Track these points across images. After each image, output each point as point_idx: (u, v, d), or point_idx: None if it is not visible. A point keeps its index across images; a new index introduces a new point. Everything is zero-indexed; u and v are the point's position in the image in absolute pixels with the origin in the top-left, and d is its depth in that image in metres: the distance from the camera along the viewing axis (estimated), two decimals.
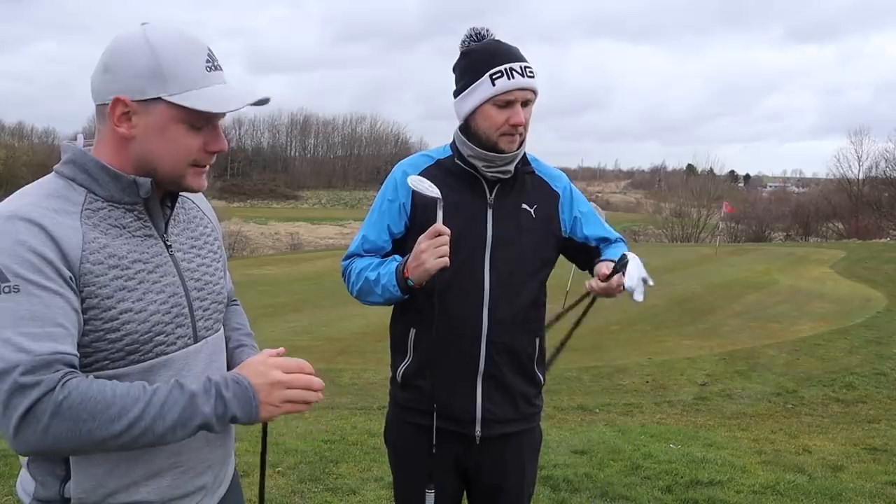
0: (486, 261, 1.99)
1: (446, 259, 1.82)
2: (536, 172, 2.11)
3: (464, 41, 2.00)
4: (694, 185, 56.51)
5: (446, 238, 1.82)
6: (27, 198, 1.26)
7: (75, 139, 1.40)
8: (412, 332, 2.02)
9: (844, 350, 9.81)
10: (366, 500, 4.01)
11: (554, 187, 2.13)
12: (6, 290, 1.16)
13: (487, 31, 1.99)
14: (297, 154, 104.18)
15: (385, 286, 1.93)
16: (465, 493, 2.18)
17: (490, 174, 2.00)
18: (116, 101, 1.27)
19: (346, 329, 11.57)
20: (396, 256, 1.98)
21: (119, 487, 1.31)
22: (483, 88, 1.92)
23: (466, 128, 2.00)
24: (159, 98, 1.27)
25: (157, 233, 1.38)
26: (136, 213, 1.34)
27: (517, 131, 1.94)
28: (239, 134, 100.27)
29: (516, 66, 1.91)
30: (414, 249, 1.85)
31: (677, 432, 6.00)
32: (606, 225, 2.25)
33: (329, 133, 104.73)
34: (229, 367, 1.54)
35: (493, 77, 1.90)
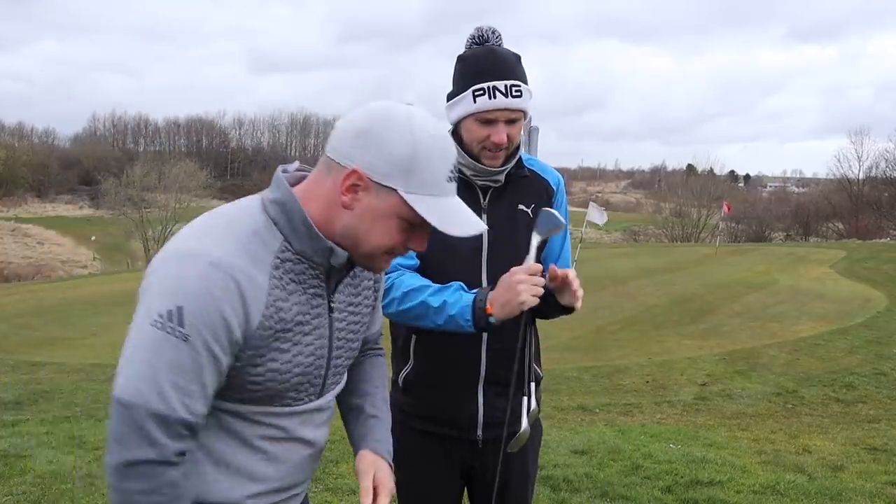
0: (482, 268, 1.96)
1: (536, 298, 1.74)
2: (531, 170, 2.08)
3: (467, 42, 1.97)
4: (694, 185, 56.50)
5: (542, 280, 1.73)
6: (230, 238, 1.26)
7: (299, 167, 1.42)
8: (413, 337, 2.01)
9: (844, 350, 9.81)
10: None
11: (550, 183, 2.10)
12: (178, 334, 1.19)
13: (493, 33, 1.94)
14: (297, 154, 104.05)
15: (454, 317, 1.80)
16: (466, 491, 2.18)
17: (480, 182, 1.98)
18: (354, 172, 1.25)
19: None
20: (463, 285, 1.86)
21: (221, 500, 1.35)
22: (465, 104, 1.89)
23: (456, 132, 1.98)
24: (396, 190, 1.25)
25: (325, 293, 1.37)
26: (317, 271, 1.34)
27: (499, 149, 1.90)
28: (239, 134, 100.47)
29: (501, 84, 1.85)
30: (508, 281, 1.73)
31: (677, 432, 6.00)
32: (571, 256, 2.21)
33: (329, 133, 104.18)
34: (356, 438, 1.56)
35: (476, 94, 1.86)
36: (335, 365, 1.42)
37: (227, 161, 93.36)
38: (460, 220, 1.30)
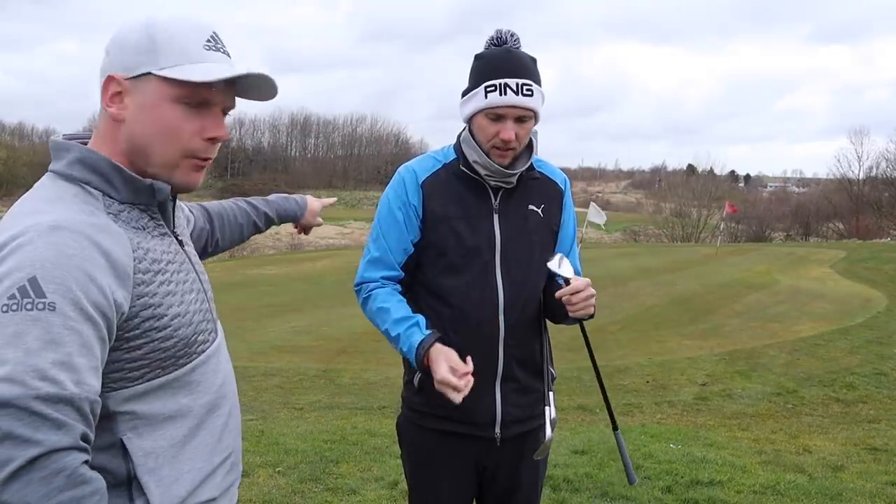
0: (497, 267, 2.00)
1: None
2: (541, 172, 2.12)
3: (486, 43, 2.01)
4: (695, 185, 56.46)
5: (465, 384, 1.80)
6: (54, 205, 1.14)
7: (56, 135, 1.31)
8: None
9: (845, 350, 9.81)
10: (366, 500, 4.01)
11: (558, 183, 2.15)
12: (40, 306, 1.01)
13: (511, 35, 1.98)
14: (297, 154, 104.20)
15: (404, 353, 1.96)
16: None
17: (493, 183, 2.02)
18: (109, 79, 1.20)
19: (346, 329, 11.56)
20: (420, 321, 1.94)
21: (189, 492, 1.27)
22: (477, 99, 1.94)
23: (469, 130, 2.02)
24: (150, 73, 1.19)
25: (169, 230, 1.31)
26: (149, 213, 1.27)
27: (507, 146, 1.93)
28: (239, 133, 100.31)
29: (512, 82, 1.89)
30: (441, 375, 1.81)
31: (677, 432, 6.00)
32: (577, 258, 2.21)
33: (329, 133, 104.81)
34: (289, 212, 2.02)
35: (487, 90, 1.91)
36: (210, 298, 1.37)
37: (228, 161, 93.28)
38: (223, 70, 1.22)
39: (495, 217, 2.01)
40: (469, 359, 1.84)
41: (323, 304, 14.72)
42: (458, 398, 1.78)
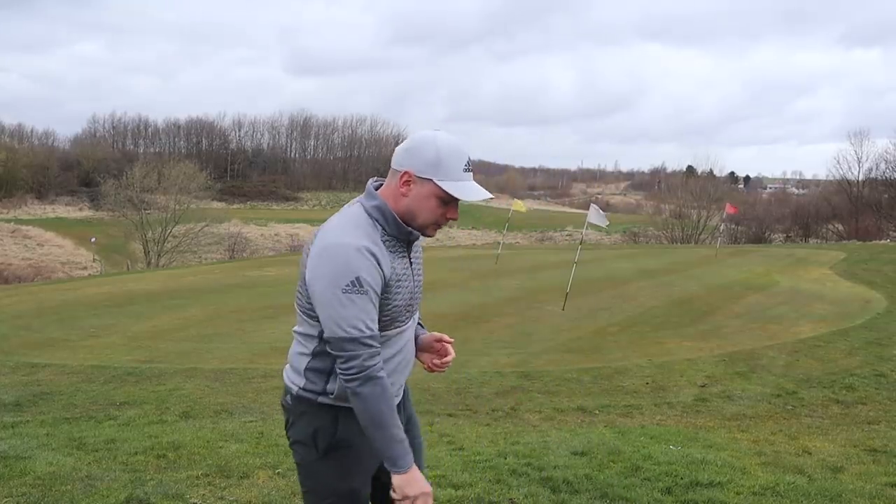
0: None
1: None
2: None
3: None
4: (694, 186, 56.51)
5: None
6: (358, 231, 2.03)
7: (375, 179, 2.19)
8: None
9: (844, 351, 9.81)
10: None
11: None
12: (363, 292, 1.98)
13: None
14: (297, 155, 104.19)
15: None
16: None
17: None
18: (405, 172, 2.05)
19: None
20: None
21: None
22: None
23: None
24: (431, 179, 2.03)
25: (407, 256, 2.15)
26: (402, 244, 2.13)
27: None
28: (239, 135, 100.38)
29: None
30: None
31: (677, 433, 6.00)
32: None
33: (329, 135, 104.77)
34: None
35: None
36: (416, 299, 2.23)
37: (227, 162, 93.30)
38: (471, 191, 2.06)
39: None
40: None
41: None
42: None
